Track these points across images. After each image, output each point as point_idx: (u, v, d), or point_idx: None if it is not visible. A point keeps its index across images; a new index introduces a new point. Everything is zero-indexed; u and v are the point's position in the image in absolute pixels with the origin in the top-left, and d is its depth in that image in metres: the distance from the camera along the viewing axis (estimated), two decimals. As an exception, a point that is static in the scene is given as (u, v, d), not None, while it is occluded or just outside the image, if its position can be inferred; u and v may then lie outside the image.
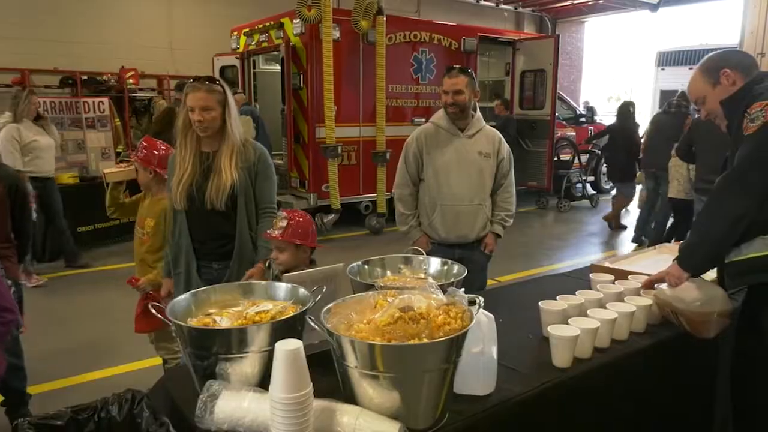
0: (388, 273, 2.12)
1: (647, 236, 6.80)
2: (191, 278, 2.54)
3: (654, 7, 13.46)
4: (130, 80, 9.18)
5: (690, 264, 1.95)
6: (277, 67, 8.23)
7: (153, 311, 1.54)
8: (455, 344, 1.37)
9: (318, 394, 1.33)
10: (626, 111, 7.85)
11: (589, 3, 14.51)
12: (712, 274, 2.10)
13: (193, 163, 2.48)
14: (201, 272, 2.57)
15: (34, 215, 5.34)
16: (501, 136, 3.14)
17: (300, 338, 1.50)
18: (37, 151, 5.46)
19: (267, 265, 2.49)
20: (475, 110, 3.06)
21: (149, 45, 9.85)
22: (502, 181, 3.13)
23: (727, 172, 1.88)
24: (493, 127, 3.20)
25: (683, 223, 5.77)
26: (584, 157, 10.32)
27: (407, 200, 3.11)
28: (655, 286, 2.10)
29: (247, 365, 1.48)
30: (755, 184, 1.77)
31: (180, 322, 1.50)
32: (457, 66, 3.04)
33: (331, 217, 7.47)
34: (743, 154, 1.80)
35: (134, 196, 3.40)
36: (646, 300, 2.10)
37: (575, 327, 1.79)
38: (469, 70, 3.02)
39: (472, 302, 1.49)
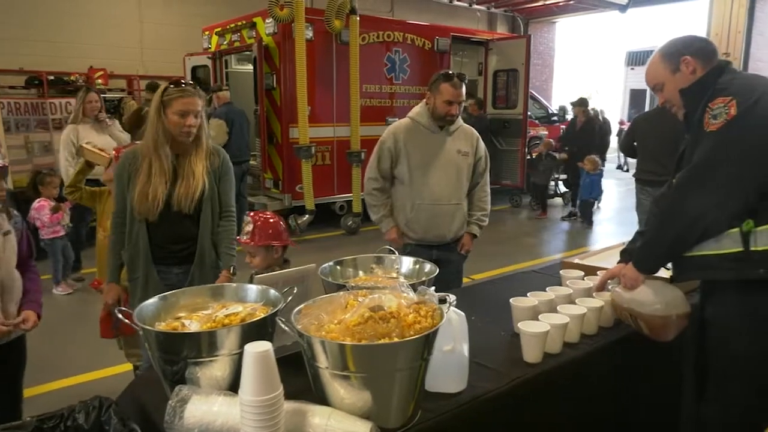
0: (361, 273, 2.12)
1: None
2: (150, 282, 2.44)
3: (623, 8, 13.72)
4: (99, 80, 8.99)
5: (647, 265, 1.94)
6: (250, 67, 8.16)
7: (119, 316, 1.51)
8: (426, 343, 1.37)
9: (289, 395, 1.33)
10: None
11: (560, 3, 14.70)
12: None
13: (166, 171, 2.36)
14: (161, 277, 2.47)
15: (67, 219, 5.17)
16: (478, 134, 3.15)
17: (271, 340, 1.49)
18: None
19: (232, 272, 2.45)
20: None
21: (119, 44, 9.68)
22: (479, 180, 3.14)
23: (686, 170, 1.83)
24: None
25: None
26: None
27: (377, 194, 3.08)
28: (609, 286, 2.09)
29: (217, 369, 1.46)
30: (715, 183, 1.73)
31: (147, 327, 1.48)
32: (456, 72, 2.98)
33: (306, 217, 7.44)
34: (703, 153, 1.77)
35: (94, 187, 3.39)
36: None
37: (545, 323, 1.82)
38: (464, 76, 3.00)
39: (442, 300, 1.50)
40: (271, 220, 2.28)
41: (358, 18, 7.47)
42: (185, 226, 2.44)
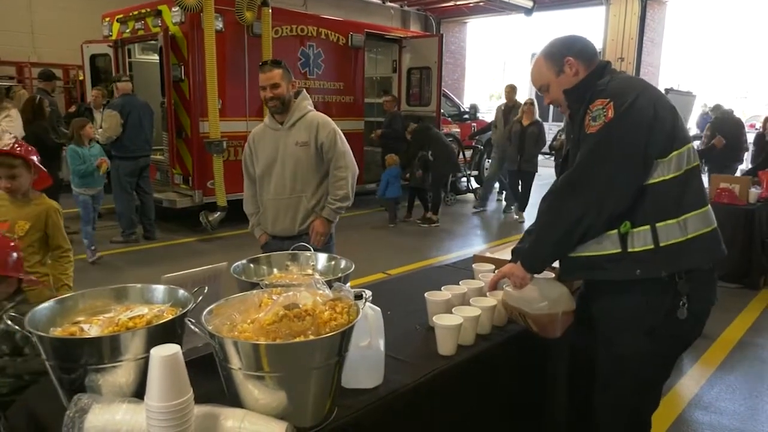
0: (275, 271, 2.08)
1: None
2: None
3: (528, 12, 14.40)
4: (-19, 66, 8.28)
5: (533, 265, 1.94)
6: (156, 57, 7.79)
7: (9, 322, 1.39)
8: (342, 339, 1.36)
9: (201, 399, 1.27)
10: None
11: (470, 4, 15.17)
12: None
13: None
14: None
15: None
16: (324, 120, 3.02)
17: (180, 343, 1.43)
18: None
19: None
20: (296, 98, 3.02)
21: (5, 28, 8.91)
22: (328, 165, 3.04)
23: (567, 172, 1.83)
24: (380, 122, 3.23)
25: None
26: (468, 153, 10.77)
27: (249, 200, 3.20)
28: (504, 286, 2.10)
29: (121, 375, 1.38)
30: (593, 185, 1.74)
31: (39, 332, 1.36)
32: (269, 60, 3.11)
33: (217, 214, 7.21)
34: (582, 155, 1.77)
35: None
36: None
37: (458, 316, 1.86)
38: (282, 62, 2.98)
39: (358, 296, 1.50)
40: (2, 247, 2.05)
41: (270, 10, 7.32)
42: None
